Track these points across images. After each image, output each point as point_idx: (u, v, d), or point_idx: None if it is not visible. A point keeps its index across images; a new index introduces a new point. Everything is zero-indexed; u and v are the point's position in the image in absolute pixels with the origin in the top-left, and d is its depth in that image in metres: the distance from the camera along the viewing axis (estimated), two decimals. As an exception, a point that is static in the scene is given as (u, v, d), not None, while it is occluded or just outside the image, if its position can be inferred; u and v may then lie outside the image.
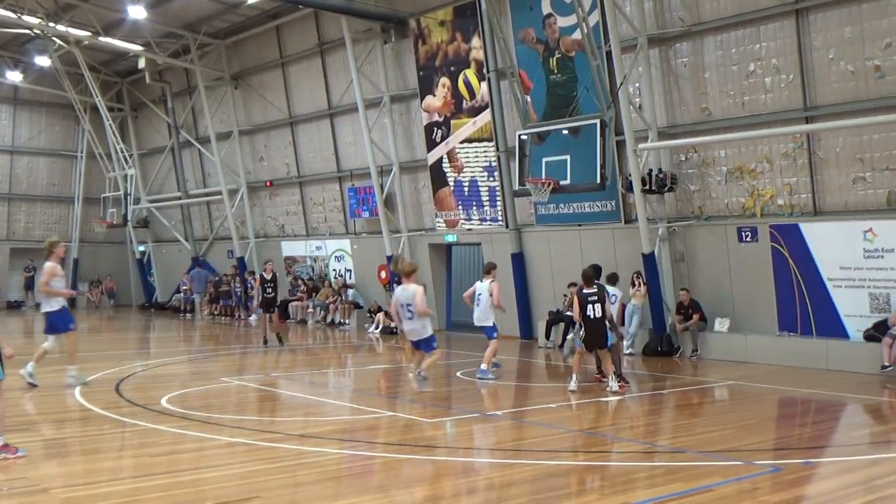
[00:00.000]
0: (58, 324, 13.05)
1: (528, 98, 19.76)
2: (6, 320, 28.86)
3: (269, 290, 19.76)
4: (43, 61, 31.27)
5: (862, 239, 15.52)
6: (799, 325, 16.52)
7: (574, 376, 12.94)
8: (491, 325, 14.58)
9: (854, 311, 15.71)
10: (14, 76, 32.77)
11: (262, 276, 20.17)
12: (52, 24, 26.89)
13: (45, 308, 13.11)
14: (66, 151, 36.23)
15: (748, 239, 17.23)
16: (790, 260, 16.54)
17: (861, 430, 11.09)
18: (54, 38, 29.05)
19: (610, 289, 14.48)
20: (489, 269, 15.00)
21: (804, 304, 16.38)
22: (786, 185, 16.69)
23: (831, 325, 16.03)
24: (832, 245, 15.95)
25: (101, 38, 27.78)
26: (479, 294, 14.63)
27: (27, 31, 28.65)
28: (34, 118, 35.37)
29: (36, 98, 34.84)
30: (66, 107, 34.48)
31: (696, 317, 17.64)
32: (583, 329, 12.89)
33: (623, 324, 17.27)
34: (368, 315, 24.98)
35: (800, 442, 9.85)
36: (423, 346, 12.76)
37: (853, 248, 15.63)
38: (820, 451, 9.30)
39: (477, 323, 14.79)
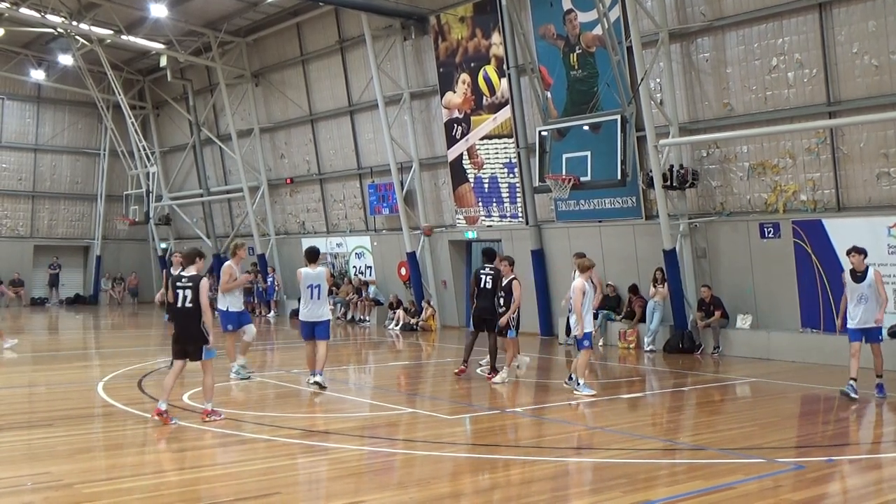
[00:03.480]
0: (223, 321, 13.49)
1: (549, 94, 19.71)
2: (32, 317, 29.15)
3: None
4: (66, 60, 31.58)
5: (886, 235, 15.38)
6: (822, 321, 16.39)
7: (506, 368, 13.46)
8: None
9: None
10: (38, 75, 33.09)
11: (167, 271, 15.10)
12: (74, 23, 27.13)
13: (220, 305, 13.50)
14: (89, 149, 36.51)
15: (770, 235, 17.12)
16: (813, 256, 16.42)
17: (885, 427, 10.99)
18: (77, 37, 29.33)
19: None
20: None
21: (827, 300, 16.24)
22: (809, 180, 16.56)
23: (855, 322, 15.87)
24: (856, 241, 15.65)
25: (124, 37, 27.99)
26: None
27: (50, 30, 28.93)
28: (57, 116, 35.67)
29: (59, 96, 35.13)
30: (88, 105, 34.76)
31: (717, 314, 17.54)
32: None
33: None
34: (389, 310, 24.97)
35: (823, 439, 9.78)
36: (577, 342, 12.57)
37: (877, 244, 15.46)
38: (843, 449, 9.22)
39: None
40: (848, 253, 12.54)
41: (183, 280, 9.87)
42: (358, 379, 15.74)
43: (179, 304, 9.82)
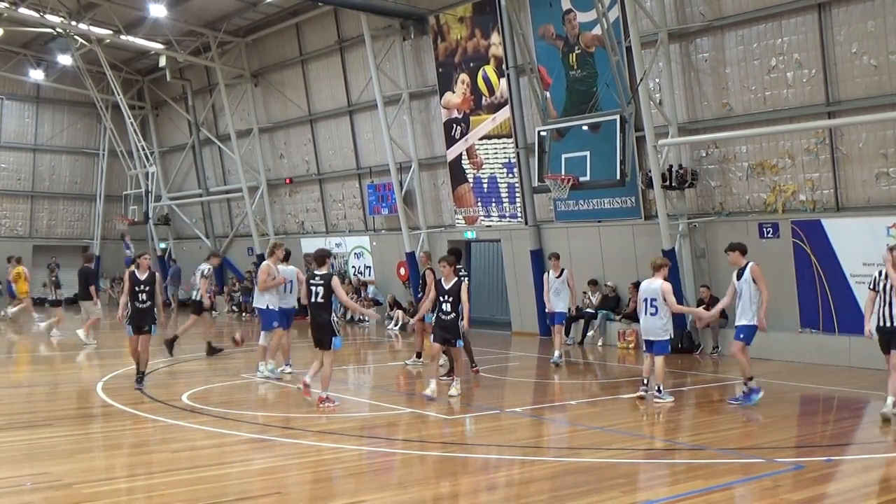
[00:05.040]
0: (264, 321, 13.86)
1: (548, 94, 19.71)
2: (31, 317, 29.07)
3: (144, 297, 12.57)
4: (65, 60, 31.53)
5: (885, 235, 15.36)
6: (821, 321, 16.40)
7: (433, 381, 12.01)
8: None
9: (877, 307, 15.55)
10: (37, 75, 33.05)
11: (132, 274, 12.72)
12: (74, 23, 27.10)
13: (257, 304, 13.98)
14: (88, 149, 36.47)
15: (769, 235, 17.12)
16: (812, 256, 16.42)
17: (884, 427, 10.97)
18: (76, 37, 29.28)
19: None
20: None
21: (826, 300, 16.25)
22: (808, 180, 16.56)
23: (854, 322, 15.84)
24: (855, 241, 15.80)
25: (123, 37, 27.96)
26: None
27: (49, 30, 28.89)
28: (56, 116, 35.63)
29: (58, 96, 35.08)
30: (87, 105, 34.73)
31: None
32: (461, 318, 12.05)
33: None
34: (388, 312, 24.98)
35: (822, 439, 9.79)
36: (657, 347, 11.74)
37: (876, 244, 15.41)
38: (842, 449, 9.23)
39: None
40: (725, 251, 12.09)
41: (316, 278, 11.11)
42: (357, 379, 15.74)
43: (312, 300, 11.07)
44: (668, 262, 12.33)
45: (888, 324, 10.19)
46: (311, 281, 11.14)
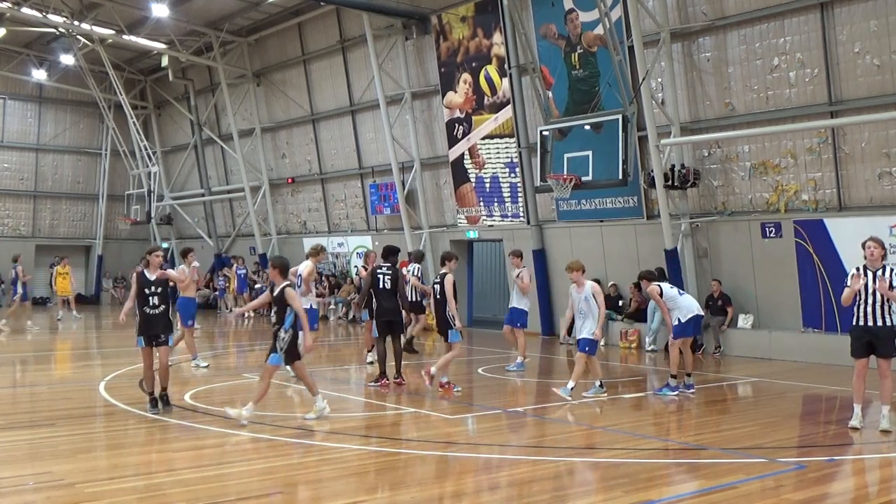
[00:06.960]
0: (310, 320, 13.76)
1: (550, 94, 19.71)
2: (33, 317, 29.13)
3: (156, 300, 10.63)
4: (67, 60, 31.58)
5: (888, 234, 15.34)
6: (823, 321, 16.38)
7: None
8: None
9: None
10: (39, 75, 33.08)
11: (141, 274, 10.76)
12: (76, 23, 27.14)
13: (305, 304, 13.84)
14: (91, 149, 36.50)
15: (772, 234, 17.11)
16: (814, 256, 16.41)
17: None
18: (79, 37, 29.35)
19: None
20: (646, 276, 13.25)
21: (828, 300, 16.23)
22: (810, 180, 16.55)
23: (856, 322, 15.85)
24: (857, 241, 15.58)
25: (125, 37, 28.01)
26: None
27: (52, 30, 28.95)
28: (59, 116, 35.67)
29: (61, 96, 35.12)
30: (90, 105, 34.77)
31: (730, 310, 17.51)
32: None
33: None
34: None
35: (824, 439, 9.77)
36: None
37: (879, 244, 15.44)
38: (844, 449, 9.21)
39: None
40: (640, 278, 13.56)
41: (438, 277, 12.55)
42: (358, 378, 15.73)
43: (437, 297, 12.44)
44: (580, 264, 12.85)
45: (868, 323, 9.91)
46: (435, 280, 12.53)
